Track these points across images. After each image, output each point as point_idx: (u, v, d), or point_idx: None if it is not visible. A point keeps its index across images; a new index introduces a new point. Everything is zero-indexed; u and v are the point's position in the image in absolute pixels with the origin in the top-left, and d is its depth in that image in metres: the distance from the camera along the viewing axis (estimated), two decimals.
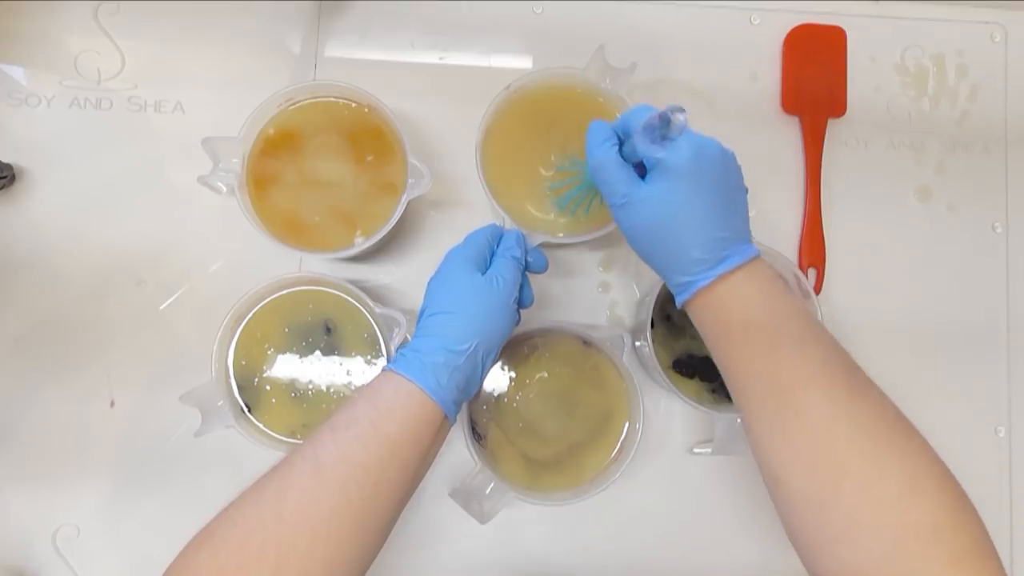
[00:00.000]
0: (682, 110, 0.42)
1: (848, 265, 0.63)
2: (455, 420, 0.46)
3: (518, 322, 0.50)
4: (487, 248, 0.49)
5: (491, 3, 0.63)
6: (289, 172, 0.55)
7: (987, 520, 0.61)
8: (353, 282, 0.55)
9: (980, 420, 0.62)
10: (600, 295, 0.62)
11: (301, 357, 0.55)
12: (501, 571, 0.59)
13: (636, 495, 0.60)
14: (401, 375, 0.44)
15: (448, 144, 0.61)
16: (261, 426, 0.54)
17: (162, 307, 0.60)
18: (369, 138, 0.56)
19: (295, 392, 0.54)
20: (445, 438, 0.46)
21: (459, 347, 0.45)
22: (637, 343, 0.59)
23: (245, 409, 0.54)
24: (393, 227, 0.53)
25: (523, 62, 0.63)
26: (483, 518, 0.52)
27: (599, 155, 0.45)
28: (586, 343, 0.55)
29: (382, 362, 0.55)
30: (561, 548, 0.60)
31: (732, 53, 0.64)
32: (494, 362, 0.48)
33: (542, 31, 0.63)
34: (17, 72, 0.61)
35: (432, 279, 0.49)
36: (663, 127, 0.43)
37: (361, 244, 0.54)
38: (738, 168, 0.46)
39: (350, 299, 0.55)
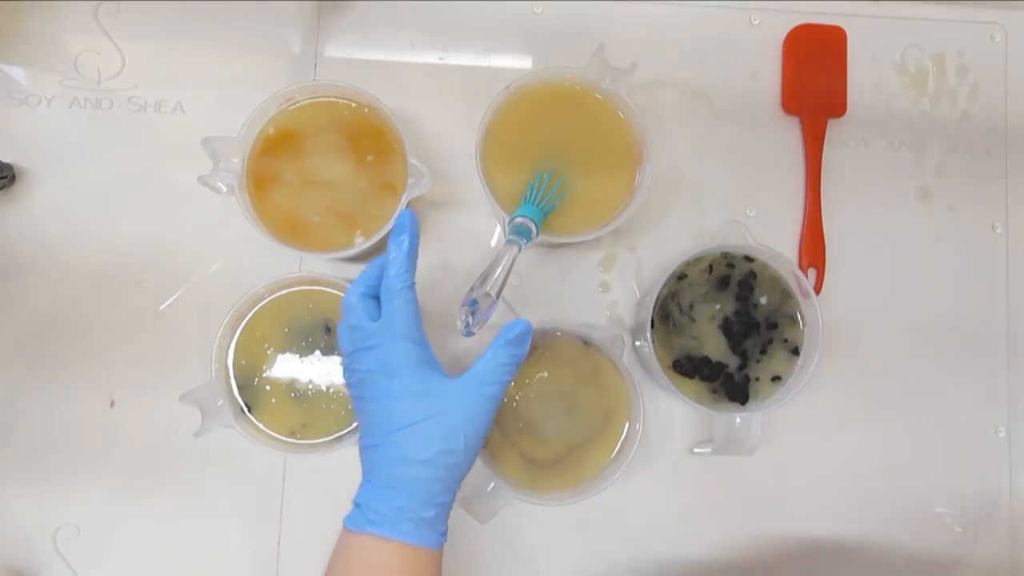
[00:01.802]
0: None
1: (848, 265, 0.63)
2: None
3: None
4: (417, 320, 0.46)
5: (491, 3, 0.63)
6: (289, 172, 0.55)
7: (987, 520, 0.61)
8: None
9: (980, 420, 0.62)
10: (600, 295, 0.62)
11: (301, 357, 0.55)
12: (501, 571, 0.59)
13: (636, 495, 0.60)
14: (398, 541, 0.42)
15: (448, 144, 0.61)
16: (261, 426, 0.54)
17: (162, 307, 0.60)
18: (369, 138, 0.56)
19: (295, 392, 0.54)
20: None
21: (456, 483, 0.44)
22: (637, 343, 0.59)
23: (245, 409, 0.54)
24: None
25: (523, 62, 0.63)
26: (483, 518, 0.52)
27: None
28: (586, 343, 0.55)
29: None
30: (561, 548, 0.60)
31: (732, 53, 0.64)
32: None
33: (542, 31, 0.63)
34: (17, 72, 0.61)
35: (389, 386, 0.43)
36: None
37: (361, 244, 0.54)
38: None
39: None
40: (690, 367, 0.56)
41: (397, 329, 0.44)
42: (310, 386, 0.55)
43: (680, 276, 0.57)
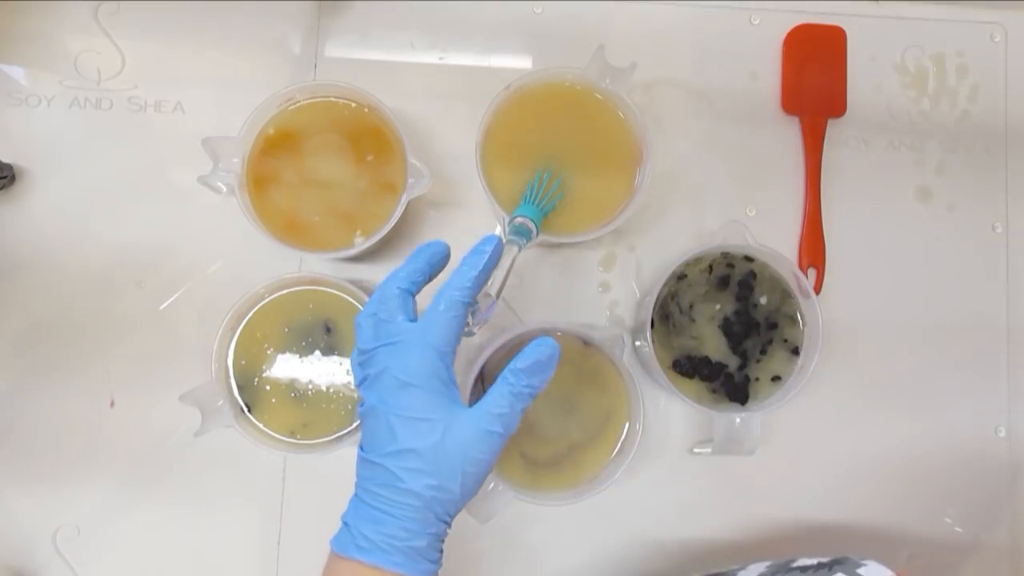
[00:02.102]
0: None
1: (848, 265, 0.63)
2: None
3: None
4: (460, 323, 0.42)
5: (491, 3, 0.63)
6: (289, 172, 0.55)
7: (987, 520, 0.61)
8: (353, 282, 0.55)
9: (980, 420, 0.62)
10: (600, 295, 0.62)
11: (301, 357, 0.55)
12: (501, 571, 0.59)
13: (636, 495, 0.60)
14: (388, 571, 0.39)
15: (448, 144, 0.61)
16: (261, 426, 0.54)
17: (162, 307, 0.60)
18: (369, 138, 0.56)
19: (295, 392, 0.54)
20: None
21: (450, 517, 0.41)
22: (637, 343, 0.59)
23: (245, 409, 0.54)
24: (393, 227, 0.53)
25: (523, 62, 0.63)
26: (483, 518, 0.52)
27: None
28: (586, 343, 0.55)
29: None
30: (561, 548, 0.60)
31: (732, 53, 0.64)
32: None
33: (542, 31, 0.63)
34: (17, 72, 0.61)
35: (398, 396, 0.40)
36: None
37: (361, 244, 0.54)
38: None
39: (350, 299, 0.55)
40: (690, 367, 0.56)
41: (432, 338, 0.40)
42: (310, 386, 0.55)
43: (680, 276, 0.57)
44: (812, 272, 0.62)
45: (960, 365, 0.63)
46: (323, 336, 0.55)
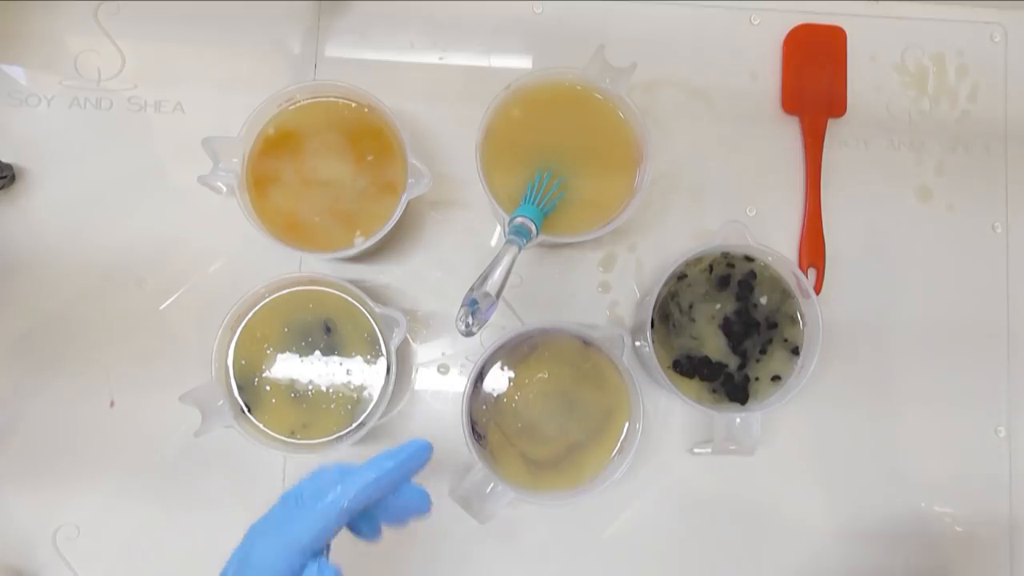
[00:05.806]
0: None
1: (848, 265, 0.63)
2: None
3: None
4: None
5: (491, 3, 0.63)
6: (289, 172, 0.55)
7: (987, 520, 0.61)
8: (353, 282, 0.55)
9: (980, 420, 0.62)
10: (600, 295, 0.62)
11: (301, 357, 0.55)
12: (501, 571, 0.59)
13: (636, 495, 0.60)
14: None
15: (448, 144, 0.61)
16: (261, 426, 0.54)
17: (162, 307, 0.60)
18: (369, 138, 0.56)
19: (295, 392, 0.54)
20: None
21: None
22: (637, 343, 0.59)
23: (245, 409, 0.54)
24: (393, 227, 0.53)
25: (523, 62, 0.63)
26: (483, 518, 0.52)
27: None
28: (586, 343, 0.55)
29: (382, 362, 0.55)
30: (561, 548, 0.60)
31: (732, 53, 0.64)
32: None
33: (542, 31, 0.63)
34: (17, 72, 0.62)
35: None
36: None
37: (361, 244, 0.54)
38: None
39: (350, 299, 0.55)
40: (690, 367, 0.56)
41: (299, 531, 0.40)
42: (310, 386, 0.55)
43: (680, 276, 0.57)
44: (812, 272, 0.62)
45: (960, 365, 0.63)
46: (323, 336, 0.55)
